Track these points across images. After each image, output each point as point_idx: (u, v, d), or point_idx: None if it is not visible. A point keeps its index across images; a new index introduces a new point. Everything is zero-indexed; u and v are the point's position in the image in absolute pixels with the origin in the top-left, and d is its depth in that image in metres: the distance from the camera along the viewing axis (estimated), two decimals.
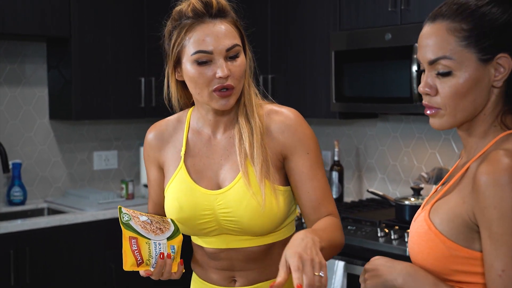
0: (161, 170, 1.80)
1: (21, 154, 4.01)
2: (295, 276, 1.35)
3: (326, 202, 1.70)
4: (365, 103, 3.38)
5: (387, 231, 3.04)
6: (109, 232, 3.68)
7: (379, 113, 3.73)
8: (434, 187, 3.40)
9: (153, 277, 1.63)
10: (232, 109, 1.71)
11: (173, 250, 1.63)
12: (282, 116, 1.70)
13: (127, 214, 1.63)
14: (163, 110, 1.86)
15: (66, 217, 3.58)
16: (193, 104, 1.79)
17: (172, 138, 1.79)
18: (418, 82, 3.04)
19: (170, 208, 1.72)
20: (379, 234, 3.02)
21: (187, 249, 1.79)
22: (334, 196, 3.80)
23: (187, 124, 1.78)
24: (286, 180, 1.72)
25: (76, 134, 4.22)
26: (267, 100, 1.77)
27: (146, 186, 4.22)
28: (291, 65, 3.79)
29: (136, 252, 1.57)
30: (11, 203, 3.87)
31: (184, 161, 1.74)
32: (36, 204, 3.97)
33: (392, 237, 2.96)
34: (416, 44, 3.04)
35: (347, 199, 3.95)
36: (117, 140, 4.40)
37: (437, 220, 1.33)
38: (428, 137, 3.59)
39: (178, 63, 1.68)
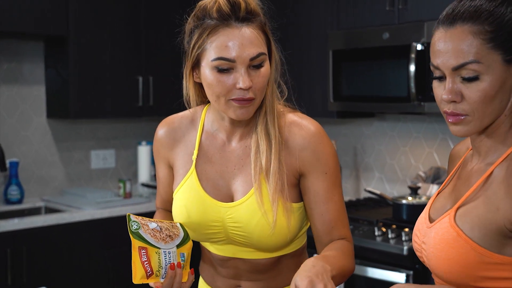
0: (171, 168, 1.72)
1: (18, 153, 4.00)
2: None
3: (339, 226, 1.61)
4: (363, 102, 3.38)
5: (384, 230, 3.04)
6: (106, 231, 3.68)
7: (376, 113, 3.73)
8: (432, 186, 3.40)
9: None
10: (251, 117, 1.59)
11: (182, 258, 1.58)
12: (303, 131, 1.60)
13: (136, 222, 1.57)
14: (161, 109, 1.83)
15: (63, 216, 3.58)
16: (209, 101, 1.66)
17: (184, 138, 1.69)
18: (419, 85, 3.04)
19: (178, 214, 1.65)
20: (376, 233, 3.02)
21: (196, 254, 1.75)
22: None
23: (201, 125, 1.68)
24: (300, 196, 1.63)
25: (74, 133, 4.21)
26: (288, 103, 1.67)
27: (143, 185, 4.22)
28: (288, 64, 3.78)
29: (146, 264, 1.52)
30: (8, 202, 3.86)
31: (196, 166, 1.65)
32: (33, 203, 3.96)
33: (389, 236, 2.96)
34: (414, 43, 3.04)
35: (345, 198, 3.94)
36: (114, 139, 4.39)
37: (466, 226, 1.29)
38: (425, 136, 3.59)
39: (196, 65, 1.57)
